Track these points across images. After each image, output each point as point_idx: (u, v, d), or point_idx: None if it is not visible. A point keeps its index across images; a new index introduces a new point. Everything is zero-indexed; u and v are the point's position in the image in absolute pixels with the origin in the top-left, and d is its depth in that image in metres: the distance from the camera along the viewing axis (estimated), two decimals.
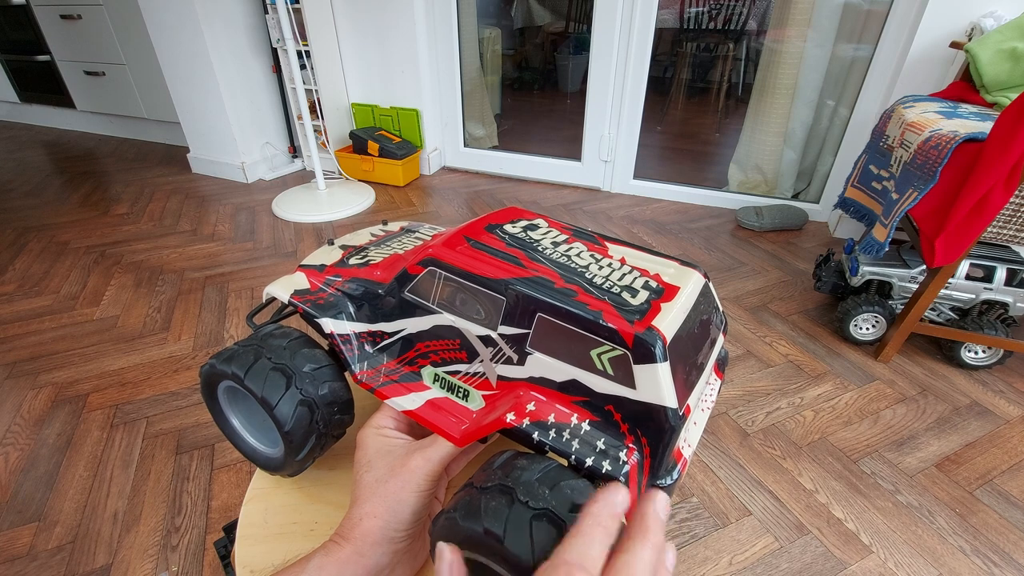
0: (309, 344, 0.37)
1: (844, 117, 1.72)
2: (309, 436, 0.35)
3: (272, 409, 0.33)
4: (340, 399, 0.37)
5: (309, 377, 0.35)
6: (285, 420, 0.34)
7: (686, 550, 0.82)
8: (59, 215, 1.91)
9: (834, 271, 1.29)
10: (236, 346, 0.36)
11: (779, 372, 1.17)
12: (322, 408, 0.35)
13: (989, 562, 0.80)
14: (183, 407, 1.07)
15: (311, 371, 0.35)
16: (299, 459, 0.36)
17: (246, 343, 0.36)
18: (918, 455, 0.97)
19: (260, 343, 0.36)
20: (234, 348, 0.36)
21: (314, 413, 0.35)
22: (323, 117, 2.05)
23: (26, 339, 1.27)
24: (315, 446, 0.36)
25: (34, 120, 3.02)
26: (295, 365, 0.35)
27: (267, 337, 0.37)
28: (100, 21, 2.35)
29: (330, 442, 0.38)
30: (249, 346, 0.36)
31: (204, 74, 1.97)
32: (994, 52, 1.13)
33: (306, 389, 0.34)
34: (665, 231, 1.78)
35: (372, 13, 1.98)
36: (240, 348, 0.36)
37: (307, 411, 0.34)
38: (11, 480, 0.93)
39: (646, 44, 1.78)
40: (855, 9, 1.69)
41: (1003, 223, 0.95)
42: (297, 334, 0.37)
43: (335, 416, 0.37)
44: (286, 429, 0.34)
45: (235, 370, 0.34)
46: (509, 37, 3.36)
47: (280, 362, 0.34)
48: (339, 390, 0.36)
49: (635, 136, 1.96)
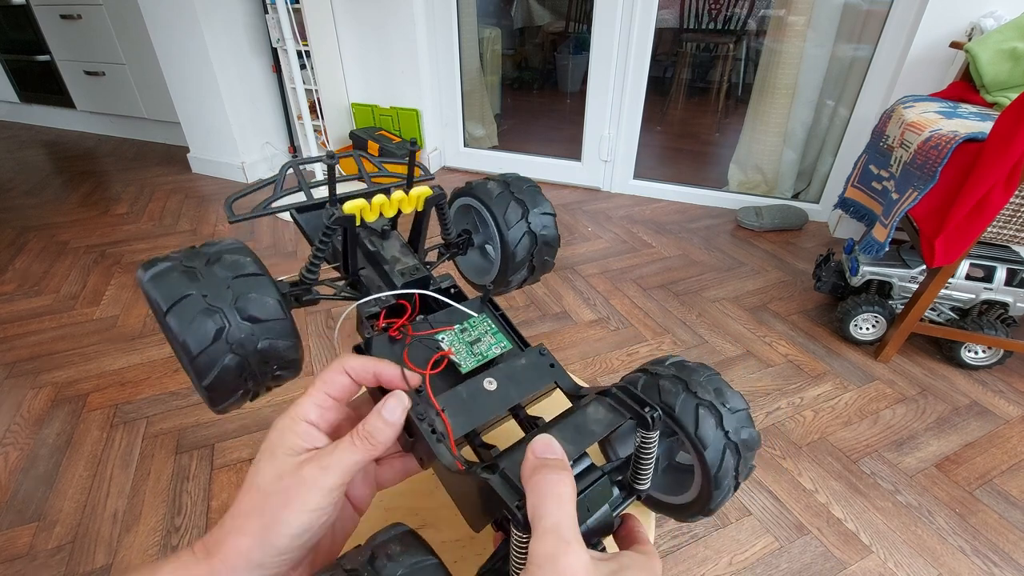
0: (261, 286, 0.29)
1: (844, 117, 1.72)
2: (233, 392, 0.30)
3: (192, 360, 0.27)
4: (283, 358, 0.30)
5: (249, 331, 0.28)
6: (204, 373, 0.28)
7: (686, 550, 0.82)
8: (59, 215, 1.91)
9: (834, 271, 1.29)
10: (173, 259, 0.29)
11: (779, 372, 1.17)
12: (256, 367, 0.29)
13: (989, 562, 0.80)
14: (183, 407, 1.07)
15: (252, 324, 0.28)
16: (219, 408, 0.31)
17: (187, 258, 0.29)
18: (918, 455, 0.97)
19: (203, 263, 0.29)
20: (167, 264, 0.28)
21: (244, 371, 0.29)
22: (323, 117, 2.05)
23: (26, 339, 1.27)
24: (240, 399, 0.31)
25: (34, 120, 3.02)
26: (234, 313, 0.28)
27: (213, 258, 0.29)
28: (100, 21, 2.35)
29: (264, 392, 0.32)
30: (188, 267, 0.28)
31: (204, 74, 1.97)
32: (994, 52, 1.13)
33: (241, 343, 0.28)
34: (665, 231, 1.78)
35: (372, 13, 1.98)
36: (174, 265, 0.28)
37: (235, 368, 0.28)
38: (11, 480, 0.93)
39: (646, 44, 1.78)
40: (855, 9, 1.69)
41: (1003, 223, 0.95)
42: (251, 267, 0.30)
43: (273, 373, 0.31)
44: (204, 383, 0.28)
45: (157, 299, 0.27)
46: (509, 37, 3.36)
47: (215, 304, 0.27)
48: (284, 349, 0.30)
49: (635, 136, 1.96)
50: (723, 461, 0.31)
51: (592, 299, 1.42)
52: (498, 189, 0.44)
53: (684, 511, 0.35)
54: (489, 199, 0.44)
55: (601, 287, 1.47)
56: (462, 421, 0.30)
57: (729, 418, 0.31)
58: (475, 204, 0.45)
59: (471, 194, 0.45)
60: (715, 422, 0.31)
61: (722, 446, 0.31)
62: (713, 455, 0.31)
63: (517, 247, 0.43)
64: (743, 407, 0.33)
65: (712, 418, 0.31)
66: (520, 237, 0.43)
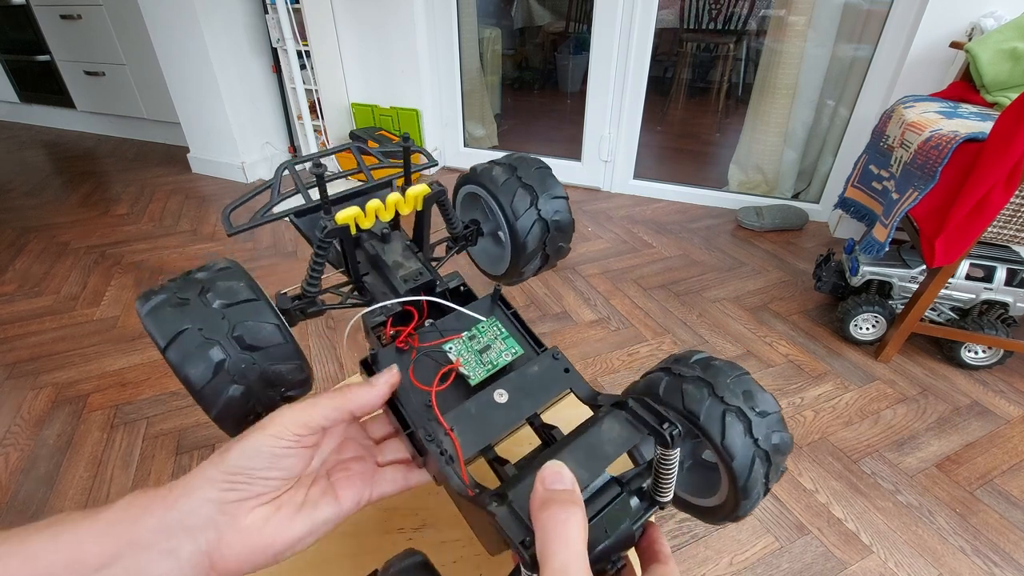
0: (257, 312, 0.28)
1: (844, 117, 1.72)
2: (243, 418, 0.30)
3: (196, 393, 0.27)
4: (288, 381, 0.30)
5: (250, 359, 0.28)
6: (210, 405, 0.28)
7: (686, 550, 0.82)
8: (59, 215, 1.91)
9: (834, 271, 1.29)
10: (167, 290, 0.29)
11: (779, 372, 1.17)
12: (261, 392, 0.29)
13: (989, 562, 0.80)
14: (183, 407, 1.07)
15: (252, 352, 0.28)
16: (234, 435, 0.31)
17: (180, 289, 0.29)
18: (918, 455, 0.97)
19: (196, 293, 0.28)
20: (162, 296, 0.28)
21: (250, 398, 0.29)
22: (323, 117, 2.05)
23: (26, 339, 1.27)
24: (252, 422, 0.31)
25: (34, 120, 3.02)
26: (232, 343, 0.27)
27: (207, 286, 0.29)
28: (100, 21, 2.35)
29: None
30: (182, 299, 0.28)
31: (204, 74, 1.97)
32: (994, 52, 1.13)
33: (242, 373, 0.28)
34: (665, 231, 1.78)
35: (372, 13, 1.98)
36: (168, 298, 0.28)
37: (241, 397, 0.28)
38: (11, 480, 0.93)
39: (646, 44, 1.78)
40: (855, 9, 1.69)
41: (1003, 223, 0.95)
42: (245, 292, 0.29)
43: (281, 394, 0.31)
44: (212, 415, 0.28)
45: (155, 335, 0.27)
46: (509, 37, 3.36)
47: (212, 337, 0.27)
48: (288, 372, 0.30)
49: (635, 136, 1.96)
50: (752, 470, 0.29)
51: (592, 299, 1.42)
52: (504, 176, 0.41)
53: (711, 514, 0.33)
54: (495, 187, 0.41)
55: (601, 287, 1.47)
56: (472, 439, 0.29)
57: (759, 424, 0.29)
58: (481, 193, 0.42)
59: (476, 182, 0.43)
60: (743, 429, 0.28)
61: (751, 455, 0.28)
62: (741, 465, 0.28)
63: (528, 237, 0.40)
64: (774, 410, 0.30)
65: (740, 425, 0.28)
66: (530, 226, 0.40)
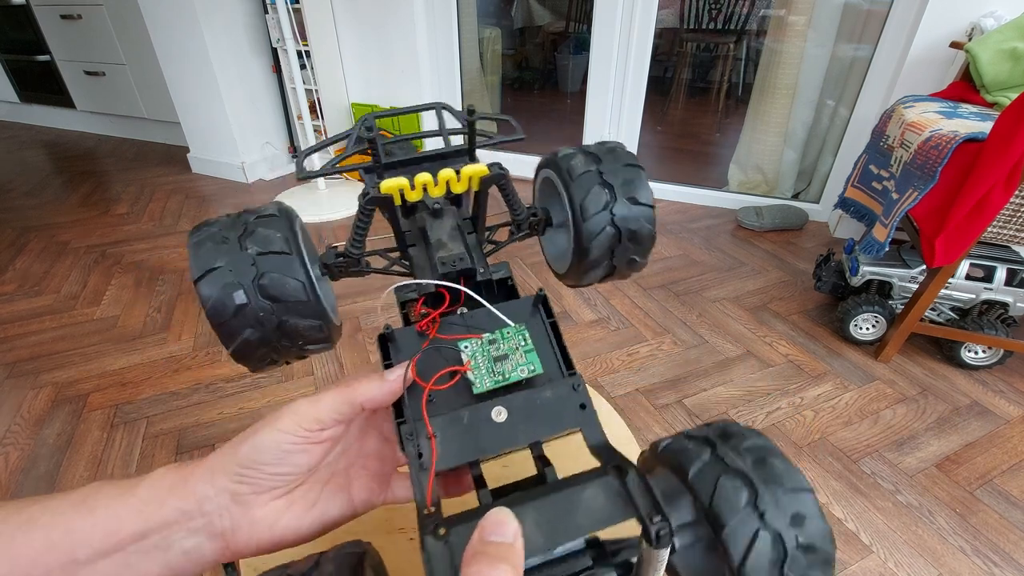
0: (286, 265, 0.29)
1: (844, 117, 1.72)
2: (259, 360, 0.31)
3: (216, 327, 0.28)
4: (307, 337, 0.30)
5: (270, 309, 0.28)
6: (227, 341, 0.29)
7: None
8: (59, 215, 1.91)
9: (834, 271, 1.29)
10: (216, 225, 0.30)
11: (779, 372, 1.17)
12: (278, 342, 0.30)
13: (989, 562, 0.80)
14: (183, 407, 1.07)
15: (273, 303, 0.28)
16: (250, 367, 0.32)
17: (227, 227, 0.30)
18: (918, 455, 0.97)
19: (237, 235, 0.29)
20: (209, 230, 0.29)
21: (266, 344, 0.30)
22: (323, 117, 2.05)
23: (26, 339, 1.27)
24: (267, 366, 0.32)
25: (34, 120, 3.02)
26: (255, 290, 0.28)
27: (249, 230, 0.29)
28: (100, 21, 2.35)
29: (295, 360, 0.33)
30: (224, 238, 0.29)
31: (204, 74, 1.97)
32: (994, 52, 1.13)
33: (260, 321, 0.28)
34: (665, 231, 1.78)
35: (372, 13, 1.98)
36: (213, 233, 0.29)
37: (257, 342, 0.29)
38: (11, 480, 0.93)
39: (646, 44, 1.78)
40: (855, 9, 1.69)
41: (1003, 223, 0.95)
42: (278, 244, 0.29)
43: (300, 347, 0.31)
44: (229, 350, 0.29)
45: (192, 265, 0.28)
46: (509, 37, 3.36)
47: (240, 280, 0.28)
48: (307, 329, 0.30)
49: (635, 136, 1.96)
50: None
51: (592, 299, 1.42)
52: (583, 167, 0.35)
53: None
54: (570, 178, 0.35)
55: (601, 287, 1.47)
56: (453, 452, 0.26)
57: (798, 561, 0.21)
58: (556, 181, 0.37)
59: (554, 167, 0.37)
60: (774, 560, 0.21)
61: None
62: None
63: (594, 242, 0.34)
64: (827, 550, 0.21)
65: (772, 554, 0.21)
66: (599, 231, 0.34)
